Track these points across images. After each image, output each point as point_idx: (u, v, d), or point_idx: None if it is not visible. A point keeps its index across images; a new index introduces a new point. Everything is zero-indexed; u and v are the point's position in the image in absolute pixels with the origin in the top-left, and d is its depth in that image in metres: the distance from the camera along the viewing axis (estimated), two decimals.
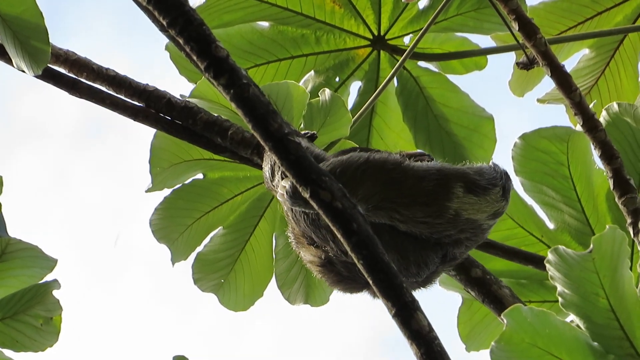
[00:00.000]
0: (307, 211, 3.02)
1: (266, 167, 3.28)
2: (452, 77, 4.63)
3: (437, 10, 4.30)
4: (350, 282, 3.10)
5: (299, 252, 3.17)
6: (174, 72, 4.45)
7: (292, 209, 3.07)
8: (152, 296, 8.14)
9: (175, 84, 4.48)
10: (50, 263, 3.68)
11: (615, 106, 3.68)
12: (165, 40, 4.25)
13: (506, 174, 3.12)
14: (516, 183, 3.80)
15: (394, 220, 2.97)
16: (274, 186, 3.24)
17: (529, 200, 3.83)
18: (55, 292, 3.69)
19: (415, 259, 3.01)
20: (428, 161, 3.09)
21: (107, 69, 3.87)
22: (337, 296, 3.16)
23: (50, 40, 3.60)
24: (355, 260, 2.48)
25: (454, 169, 3.05)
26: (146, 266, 8.24)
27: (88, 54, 3.87)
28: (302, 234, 3.11)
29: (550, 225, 3.84)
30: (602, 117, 3.69)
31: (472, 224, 3.03)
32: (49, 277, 3.69)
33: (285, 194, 2.95)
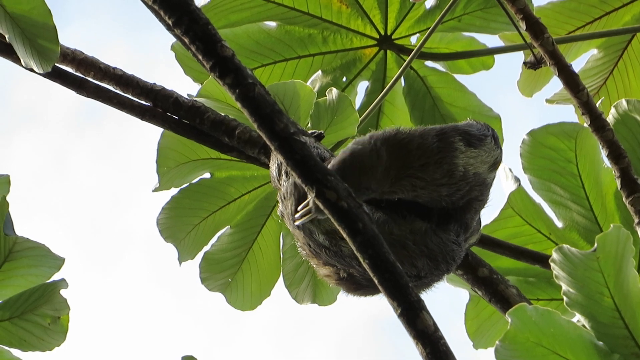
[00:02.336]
0: (328, 245, 3.03)
1: (273, 167, 3.29)
2: (459, 77, 4.63)
3: (444, 10, 4.30)
4: (369, 289, 3.11)
5: (313, 265, 3.17)
6: (174, 60, 4.46)
7: (309, 244, 3.08)
8: (150, 281, 8.16)
9: (175, 70, 4.49)
10: (57, 262, 3.68)
11: (624, 103, 3.68)
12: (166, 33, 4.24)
13: (489, 125, 3.20)
14: (524, 181, 3.80)
15: (416, 188, 2.98)
16: (281, 185, 3.24)
17: (537, 198, 3.82)
18: (62, 291, 3.70)
19: (444, 257, 3.03)
20: None
21: (114, 68, 3.87)
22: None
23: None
24: (361, 260, 2.48)
25: (446, 125, 3.12)
26: (144, 251, 8.27)
27: (89, 40, 3.88)
28: (322, 263, 3.12)
29: (559, 224, 3.83)
30: (611, 114, 3.69)
31: (478, 178, 3.05)
32: (56, 276, 3.70)
33: (311, 209, 2.95)
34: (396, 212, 3.05)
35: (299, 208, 3.01)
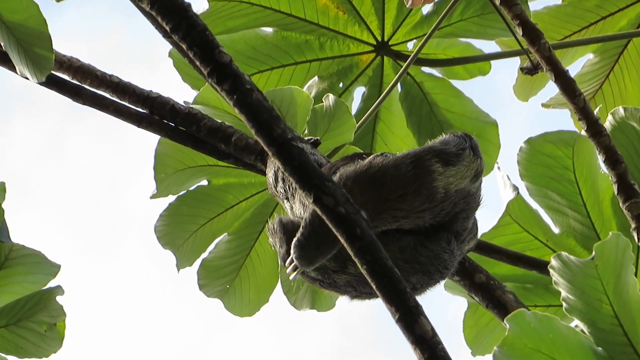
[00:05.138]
0: (322, 279, 3.03)
1: (270, 173, 3.29)
2: (455, 83, 4.63)
3: (440, 16, 4.31)
4: (370, 295, 3.11)
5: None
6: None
7: (304, 278, 3.08)
8: (147, 266, 8.14)
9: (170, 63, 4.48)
10: (53, 269, 3.68)
11: (621, 110, 3.69)
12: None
13: (467, 134, 3.14)
14: (521, 187, 3.80)
15: (397, 219, 2.97)
16: (277, 192, 3.24)
17: (534, 205, 3.82)
18: (58, 298, 3.70)
19: (436, 268, 3.02)
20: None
21: (110, 76, 3.87)
22: None
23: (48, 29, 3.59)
24: (359, 266, 2.48)
25: (421, 148, 3.06)
26: (141, 235, 8.25)
27: (86, 26, 3.87)
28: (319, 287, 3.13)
29: (556, 230, 3.83)
30: (608, 121, 3.69)
31: (460, 194, 3.03)
32: (52, 283, 3.70)
33: (294, 253, 2.95)
34: (383, 231, 3.03)
35: (286, 263, 3.01)
